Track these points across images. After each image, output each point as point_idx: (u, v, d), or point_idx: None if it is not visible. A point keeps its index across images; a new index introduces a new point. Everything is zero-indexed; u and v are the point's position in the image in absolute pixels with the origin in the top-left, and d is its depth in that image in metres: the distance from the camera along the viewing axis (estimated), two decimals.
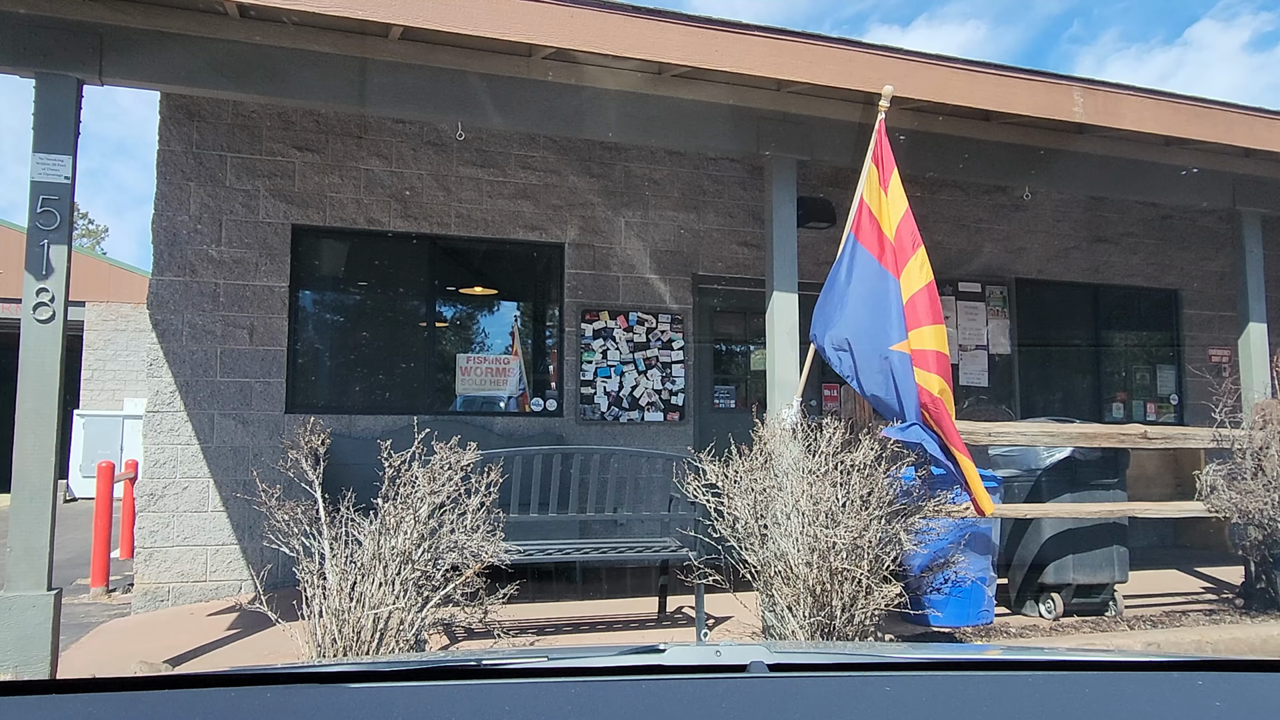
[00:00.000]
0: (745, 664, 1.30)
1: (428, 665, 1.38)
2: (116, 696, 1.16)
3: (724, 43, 4.31)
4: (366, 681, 1.26)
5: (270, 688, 1.22)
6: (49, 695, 1.14)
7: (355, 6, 3.77)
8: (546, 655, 1.43)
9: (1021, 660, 1.45)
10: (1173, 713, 1.16)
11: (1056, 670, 1.39)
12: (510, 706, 1.13)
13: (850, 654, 1.53)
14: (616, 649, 1.49)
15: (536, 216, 7.40)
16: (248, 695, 1.18)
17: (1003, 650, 1.58)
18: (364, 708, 1.14)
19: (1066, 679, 1.32)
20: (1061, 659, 1.46)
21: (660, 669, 1.33)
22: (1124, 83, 5.08)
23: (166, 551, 6.42)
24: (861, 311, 4.19)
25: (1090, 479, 5.46)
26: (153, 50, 4.11)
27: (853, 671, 1.38)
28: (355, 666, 1.42)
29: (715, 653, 1.38)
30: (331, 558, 3.69)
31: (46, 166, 3.88)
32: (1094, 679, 1.31)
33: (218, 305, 6.66)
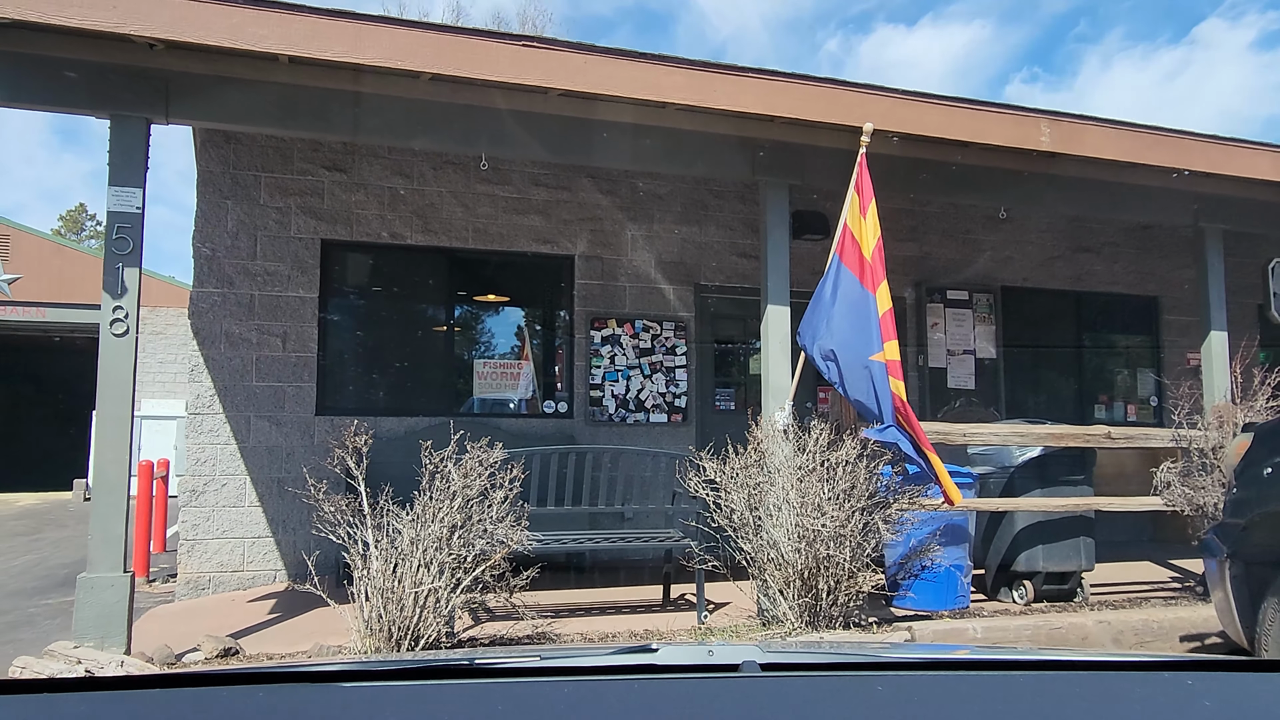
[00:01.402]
0: (738, 663, 1.30)
1: (420, 665, 1.39)
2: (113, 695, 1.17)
3: (720, 83, 4.81)
4: (359, 681, 1.26)
5: (263, 687, 1.23)
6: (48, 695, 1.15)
7: (396, 58, 4.27)
8: (539, 655, 1.43)
9: (1013, 660, 1.46)
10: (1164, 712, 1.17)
11: (1048, 670, 1.40)
12: (503, 706, 1.14)
13: (843, 654, 1.52)
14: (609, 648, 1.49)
15: (548, 230, 7.90)
16: (241, 695, 1.20)
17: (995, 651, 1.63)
18: (356, 707, 1.15)
19: (1058, 679, 1.34)
20: (1053, 659, 1.48)
21: (653, 668, 1.33)
22: (1087, 114, 5.57)
23: (207, 543, 6.93)
24: (845, 325, 4.69)
25: (1059, 476, 5.95)
26: (211, 93, 4.62)
27: (845, 671, 1.38)
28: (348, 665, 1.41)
29: (708, 652, 1.39)
30: (375, 544, 4.19)
31: (120, 198, 4.39)
32: (1086, 679, 1.33)
33: (253, 315, 7.16)
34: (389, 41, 4.34)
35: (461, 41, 4.50)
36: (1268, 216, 6.78)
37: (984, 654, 1.57)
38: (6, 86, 4.23)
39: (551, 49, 4.58)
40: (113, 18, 3.98)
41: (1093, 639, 4.58)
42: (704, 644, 1.43)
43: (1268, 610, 3.43)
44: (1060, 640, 4.54)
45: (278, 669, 1.33)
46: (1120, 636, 4.62)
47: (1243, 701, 1.22)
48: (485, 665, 1.36)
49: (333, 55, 4.28)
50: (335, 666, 1.37)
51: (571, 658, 1.44)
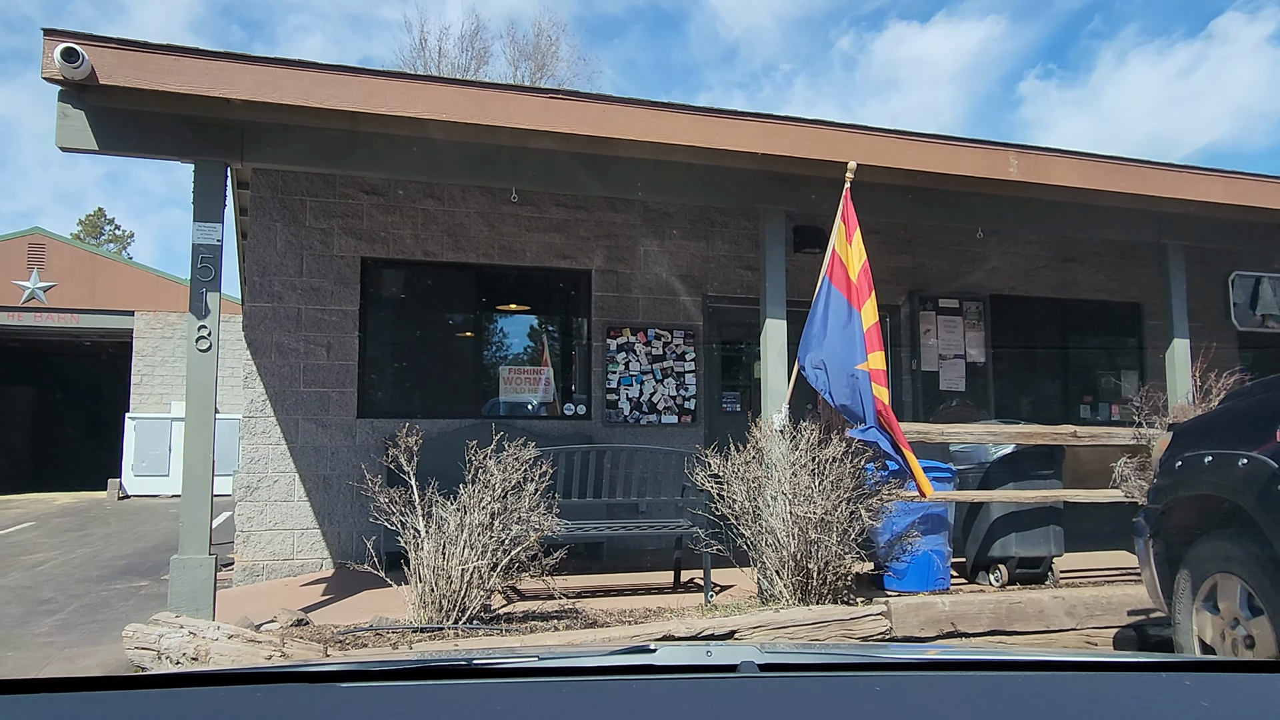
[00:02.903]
0: (736, 664, 1.30)
1: (418, 665, 1.38)
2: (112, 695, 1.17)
3: (722, 127, 5.49)
4: (357, 681, 1.26)
5: (262, 686, 1.23)
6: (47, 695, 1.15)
7: (441, 111, 4.97)
8: (537, 655, 1.44)
9: (1011, 660, 1.46)
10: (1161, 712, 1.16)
11: (1046, 670, 1.40)
12: (501, 707, 1.14)
13: (840, 654, 1.52)
14: (607, 649, 1.51)
15: (568, 247, 8.59)
16: (238, 695, 1.19)
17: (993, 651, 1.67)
18: (354, 707, 1.15)
19: (1056, 679, 1.34)
20: (1051, 659, 1.48)
21: (651, 669, 1.33)
22: (1053, 146, 6.21)
23: (261, 534, 7.64)
24: (834, 339, 5.36)
25: (1030, 470, 6.59)
26: (279, 140, 5.32)
27: (842, 672, 1.38)
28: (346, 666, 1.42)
29: (706, 653, 1.39)
30: (426, 530, 4.88)
31: (203, 233, 5.09)
32: (1083, 679, 1.33)
33: (300, 327, 7.87)
34: (434, 97, 5.04)
35: (498, 95, 5.19)
36: (1225, 234, 7.41)
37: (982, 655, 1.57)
38: (109, 137, 4.94)
39: (575, 100, 5.26)
40: (206, 83, 4.69)
41: (1048, 612, 5.23)
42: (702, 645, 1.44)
43: (1180, 581, 4.08)
44: (1019, 613, 5.19)
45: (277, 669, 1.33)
46: (1073, 610, 5.27)
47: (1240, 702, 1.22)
48: (484, 665, 1.36)
49: (386, 110, 4.98)
50: (334, 666, 1.38)
51: (570, 658, 1.44)
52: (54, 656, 5.41)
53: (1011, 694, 1.24)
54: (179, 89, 4.67)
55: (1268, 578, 3.48)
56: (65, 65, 4.35)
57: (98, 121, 4.90)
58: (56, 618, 6.67)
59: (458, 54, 30.31)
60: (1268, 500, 3.42)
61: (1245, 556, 3.62)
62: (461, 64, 29.47)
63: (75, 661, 5.24)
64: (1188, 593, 4.03)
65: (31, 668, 5.14)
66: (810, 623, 4.72)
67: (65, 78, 4.42)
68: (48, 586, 8.11)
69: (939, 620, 5.10)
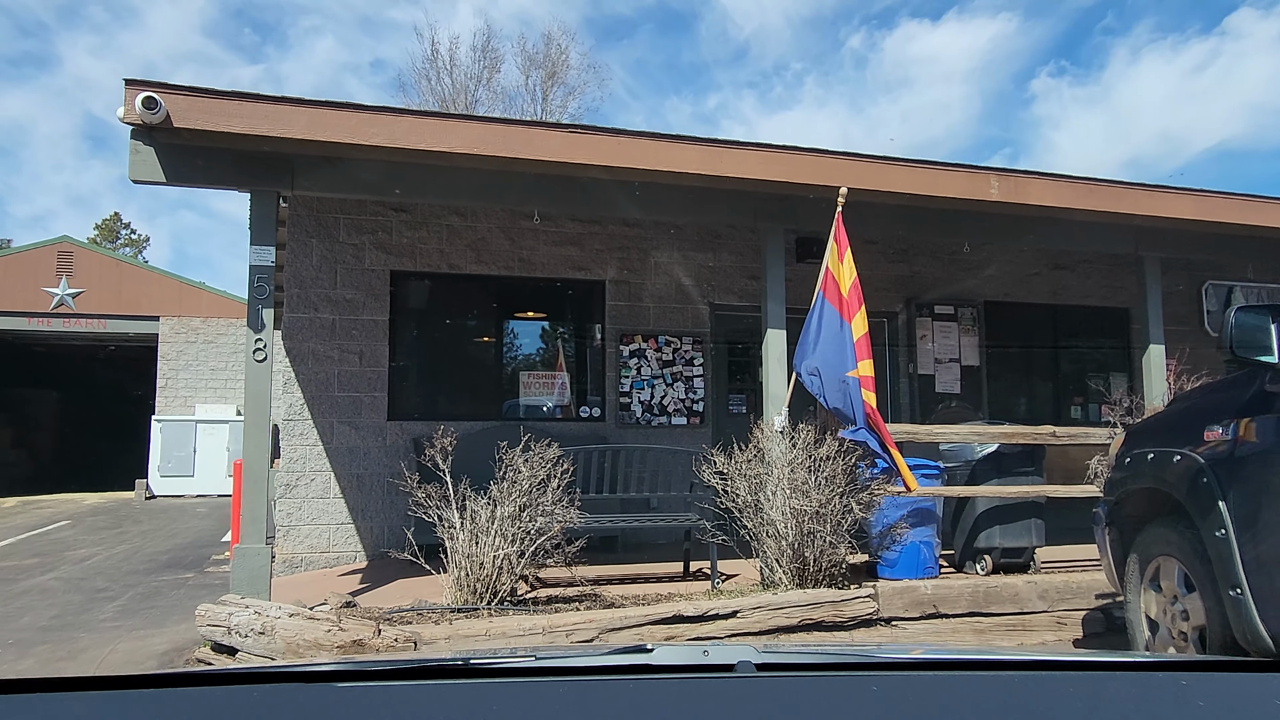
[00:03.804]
0: (733, 664, 1.31)
1: (415, 664, 1.39)
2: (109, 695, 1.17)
3: (725, 156, 6.04)
4: (353, 681, 1.27)
5: (258, 686, 1.23)
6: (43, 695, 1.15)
7: (472, 146, 5.54)
8: (534, 655, 1.44)
9: (1007, 660, 1.47)
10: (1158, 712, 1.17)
11: (1042, 670, 1.41)
12: (498, 706, 1.14)
13: (837, 654, 1.54)
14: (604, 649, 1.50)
15: (583, 259, 9.16)
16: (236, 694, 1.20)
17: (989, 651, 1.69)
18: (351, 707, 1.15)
19: (1052, 679, 1.34)
20: (1047, 659, 1.49)
21: (648, 669, 1.34)
22: (1030, 169, 6.74)
23: (300, 529, 8.23)
24: (827, 348, 5.91)
25: (1013, 468, 7.12)
26: (325, 171, 5.90)
27: (839, 671, 1.38)
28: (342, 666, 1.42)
29: (703, 652, 1.39)
30: (461, 522, 5.45)
31: (259, 254, 5.67)
32: (1079, 679, 1.33)
33: (334, 336, 8.46)
34: (467, 133, 5.60)
35: (523, 131, 5.75)
36: (1199, 246, 7.92)
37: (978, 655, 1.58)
38: (175, 171, 5.53)
39: (592, 134, 5.82)
40: (265, 125, 5.26)
41: (1022, 596, 5.76)
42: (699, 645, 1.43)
43: (1129, 564, 4.60)
44: (995, 597, 5.72)
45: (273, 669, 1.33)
46: (1045, 594, 5.79)
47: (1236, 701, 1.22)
48: (480, 665, 1.37)
49: (424, 145, 5.54)
50: (330, 667, 1.37)
51: (566, 658, 1.45)
52: (123, 637, 6.00)
53: (1008, 694, 1.25)
54: (241, 130, 5.26)
55: (1198, 559, 4.00)
56: (145, 111, 4.94)
57: (166, 157, 5.49)
58: (116, 604, 7.27)
59: (470, 63, 30.97)
60: (1196, 492, 3.95)
61: (1181, 541, 4.15)
62: (474, 72, 30.10)
63: (144, 642, 5.82)
64: (1136, 574, 4.56)
65: (104, 646, 5.73)
66: (806, 604, 5.27)
67: (144, 122, 5.01)
68: (100, 578, 8.71)
69: (922, 602, 5.63)
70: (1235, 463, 3.74)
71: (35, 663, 5.35)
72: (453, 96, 29.17)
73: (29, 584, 8.41)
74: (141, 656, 5.41)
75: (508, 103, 30.76)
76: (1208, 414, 4.02)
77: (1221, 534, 3.75)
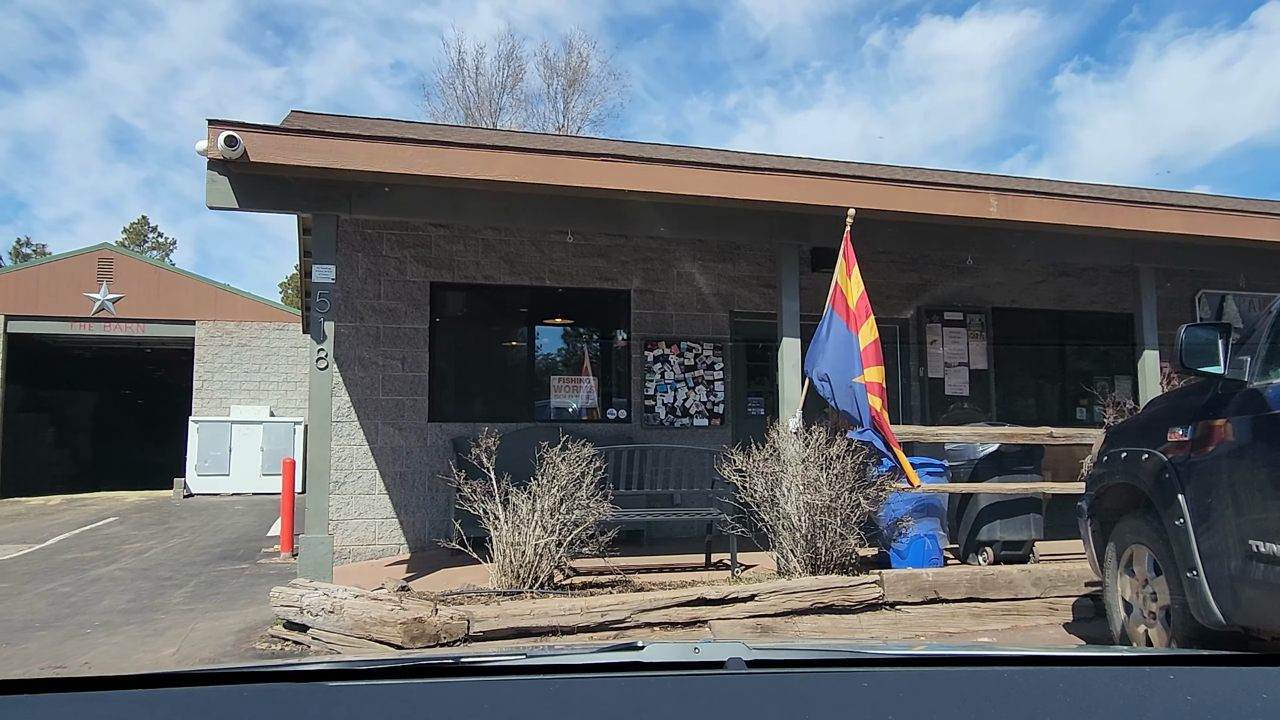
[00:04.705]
0: (723, 660, 1.32)
1: (406, 663, 1.39)
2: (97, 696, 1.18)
3: (745, 180, 6.60)
4: (344, 680, 1.27)
5: (249, 686, 1.24)
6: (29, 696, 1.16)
7: (515, 174, 6.13)
8: (525, 653, 1.45)
9: (997, 656, 1.47)
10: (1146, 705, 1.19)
11: (1032, 665, 1.42)
12: (489, 705, 1.15)
13: (828, 651, 1.54)
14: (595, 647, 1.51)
15: (609, 270, 9.74)
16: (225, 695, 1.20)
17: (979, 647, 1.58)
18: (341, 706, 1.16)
19: (1041, 674, 1.35)
20: (1037, 654, 1.50)
21: (638, 666, 1.34)
22: (1028, 188, 7.25)
23: (347, 523, 8.85)
24: (836, 356, 6.45)
25: (1013, 466, 7.62)
26: (379, 197, 6.50)
27: (830, 668, 1.39)
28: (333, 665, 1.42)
29: (693, 650, 1.39)
30: (504, 514, 6.04)
31: (321, 272, 6.28)
32: (1068, 674, 1.34)
33: (379, 343, 9.08)
34: (510, 163, 6.19)
35: (560, 159, 6.34)
36: (1191, 257, 8.40)
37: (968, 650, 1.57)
38: (247, 198, 6.14)
39: (623, 161, 6.40)
40: (330, 158, 5.88)
41: (1016, 583, 6.27)
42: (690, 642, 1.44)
43: (1108, 552, 5.11)
44: (991, 584, 6.24)
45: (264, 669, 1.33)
46: (1038, 581, 6.30)
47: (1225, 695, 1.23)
48: (471, 664, 1.37)
49: (471, 174, 6.14)
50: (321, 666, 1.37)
51: (557, 656, 1.46)
52: (199, 618, 6.63)
53: (998, 690, 1.25)
54: (308, 163, 5.87)
55: (1163, 546, 4.52)
56: (226, 149, 5.55)
57: (239, 186, 6.11)
58: (184, 591, 7.91)
59: (494, 72, 31.65)
60: (1160, 486, 4.47)
61: (1150, 531, 4.67)
62: (498, 81, 30.80)
63: (220, 621, 6.44)
64: (1113, 561, 5.08)
65: (185, 626, 6.35)
66: (817, 588, 5.82)
67: (224, 158, 5.62)
68: (162, 569, 9.37)
69: (923, 588, 6.16)
70: (1191, 461, 4.26)
71: (126, 639, 5.97)
72: (477, 104, 29.88)
73: (98, 573, 9.07)
74: (220, 633, 6.03)
75: (530, 109, 31.46)
76: (1171, 417, 4.54)
77: (1180, 523, 4.27)
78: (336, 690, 1.23)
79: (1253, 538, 3.87)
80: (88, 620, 6.63)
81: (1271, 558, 3.78)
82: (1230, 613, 4.05)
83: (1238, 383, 4.06)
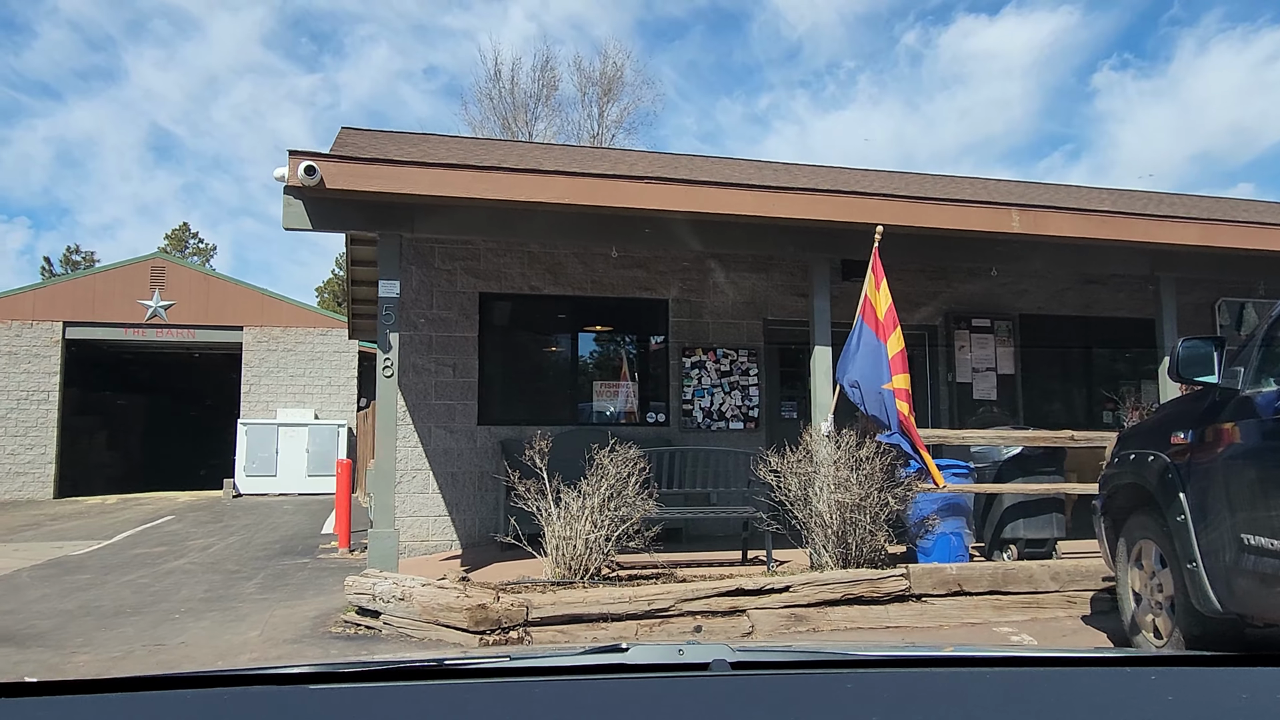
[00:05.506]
0: (707, 662, 1.31)
1: (389, 666, 1.39)
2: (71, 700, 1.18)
3: (776, 199, 7.05)
4: (326, 683, 1.27)
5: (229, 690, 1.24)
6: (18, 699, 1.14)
7: (564, 196, 6.63)
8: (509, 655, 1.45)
9: (982, 657, 1.49)
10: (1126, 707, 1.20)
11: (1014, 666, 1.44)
12: (473, 707, 1.15)
13: (813, 652, 1.54)
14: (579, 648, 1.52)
15: (648, 280, 10.22)
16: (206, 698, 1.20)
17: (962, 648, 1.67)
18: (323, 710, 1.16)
19: (1026, 675, 1.38)
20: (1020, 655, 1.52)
21: (623, 668, 1.35)
22: (1050, 203, 7.63)
23: (402, 520, 9.37)
24: (865, 364, 6.88)
25: (1036, 467, 8.00)
26: (439, 217, 7.03)
27: (814, 669, 1.40)
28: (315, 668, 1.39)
29: (678, 651, 1.40)
30: (556, 511, 6.53)
31: (387, 288, 6.82)
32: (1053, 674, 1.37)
33: (431, 350, 9.62)
34: (558, 186, 6.70)
35: (605, 183, 6.84)
36: (1210, 267, 8.72)
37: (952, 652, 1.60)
38: (319, 219, 6.69)
39: (664, 184, 6.89)
40: (396, 184, 6.41)
41: (1036, 577, 6.65)
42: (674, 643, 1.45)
43: (1119, 547, 5.50)
44: (1013, 578, 6.62)
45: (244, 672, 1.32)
46: (1057, 576, 6.68)
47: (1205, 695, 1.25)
48: (455, 666, 1.37)
49: (524, 197, 6.65)
50: (304, 669, 1.36)
51: (541, 658, 1.45)
52: (274, 606, 7.18)
53: (980, 690, 1.26)
54: (376, 189, 6.41)
55: (1168, 540, 4.91)
56: (305, 178, 6.11)
57: (312, 209, 6.66)
58: (253, 582, 8.48)
59: (529, 83, 32.33)
60: (1164, 485, 4.86)
61: (1156, 527, 5.05)
62: (533, 91, 31.45)
63: (295, 609, 6.99)
64: (1124, 555, 5.47)
65: (263, 613, 6.90)
66: (847, 580, 6.25)
67: (303, 185, 6.17)
68: (228, 563, 9.97)
69: (948, 582, 6.56)
70: (1191, 462, 4.66)
71: (211, 623, 6.54)
72: (513, 114, 30.54)
73: (169, 566, 9.69)
74: (297, 619, 6.58)
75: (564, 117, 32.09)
76: (1174, 422, 4.94)
77: (1181, 519, 4.66)
78: (318, 694, 1.22)
79: (1245, 531, 4.26)
80: (172, 607, 7.21)
81: (1261, 550, 4.17)
82: (1226, 601, 4.43)
83: (1232, 391, 4.45)
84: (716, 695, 1.22)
